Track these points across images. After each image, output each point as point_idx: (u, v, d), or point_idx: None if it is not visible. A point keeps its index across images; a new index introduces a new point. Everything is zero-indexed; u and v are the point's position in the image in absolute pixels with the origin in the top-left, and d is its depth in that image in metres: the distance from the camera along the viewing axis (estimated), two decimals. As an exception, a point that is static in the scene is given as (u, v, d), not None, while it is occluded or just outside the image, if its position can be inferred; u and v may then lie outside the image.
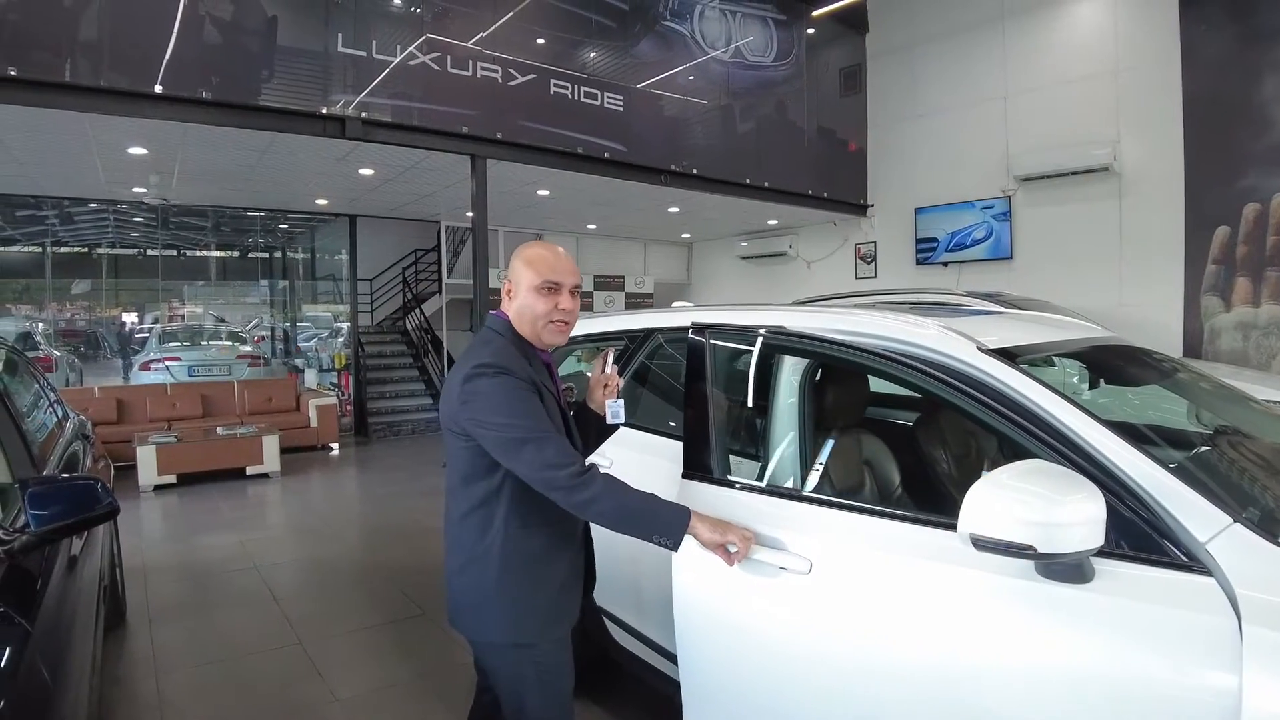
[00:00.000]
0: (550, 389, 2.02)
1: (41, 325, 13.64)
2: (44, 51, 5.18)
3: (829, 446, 2.43)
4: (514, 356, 1.93)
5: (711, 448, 2.35)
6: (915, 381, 2.14)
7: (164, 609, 4.50)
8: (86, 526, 1.96)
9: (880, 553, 1.92)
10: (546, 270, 1.97)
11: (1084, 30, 8.62)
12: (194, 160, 7.31)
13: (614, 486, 1.85)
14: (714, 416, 2.43)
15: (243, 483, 7.99)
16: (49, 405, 3.68)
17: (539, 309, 1.96)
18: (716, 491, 2.29)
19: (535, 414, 1.87)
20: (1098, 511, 1.46)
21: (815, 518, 2.09)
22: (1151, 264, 8.14)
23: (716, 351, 2.57)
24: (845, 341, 2.28)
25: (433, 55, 6.68)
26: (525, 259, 2.00)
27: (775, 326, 2.48)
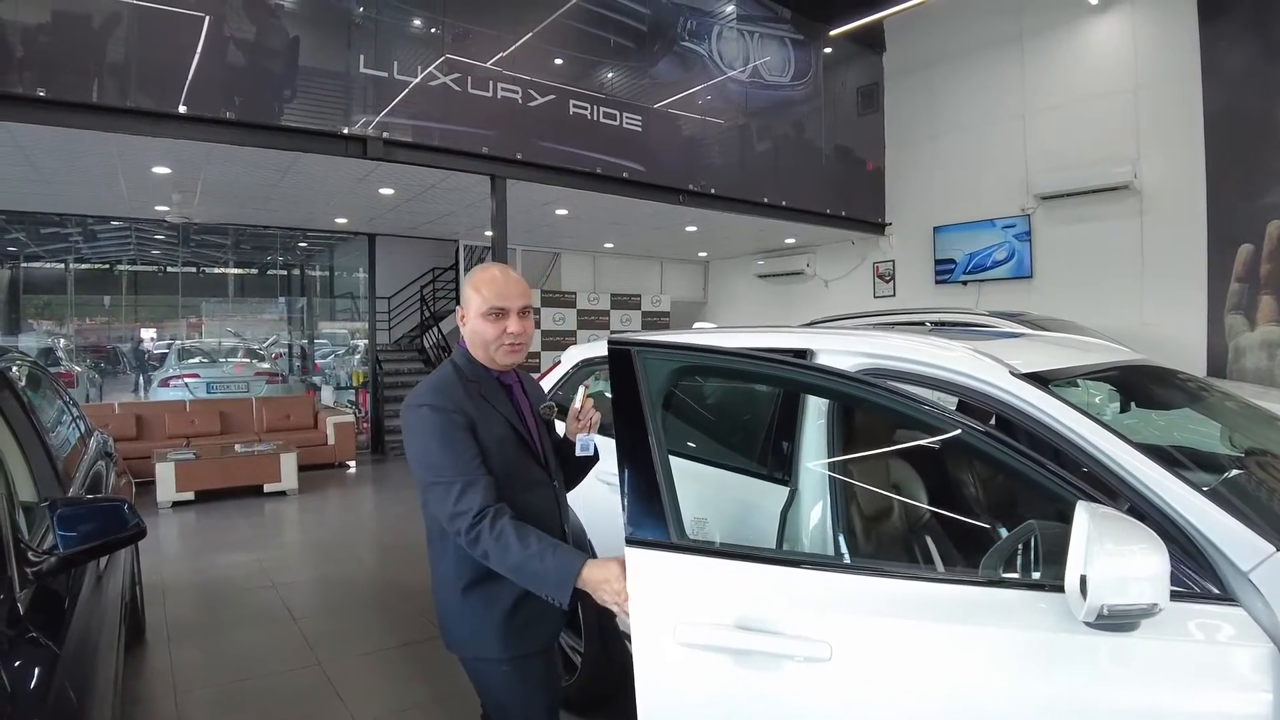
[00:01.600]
0: (504, 413, 2.02)
1: (63, 341, 13.76)
2: (72, 73, 5.26)
3: (858, 493, 2.28)
4: (452, 386, 1.96)
5: (665, 509, 1.75)
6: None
7: (183, 627, 4.50)
8: (114, 549, 1.96)
9: (917, 622, 1.59)
10: (492, 296, 1.99)
11: (1103, 48, 8.59)
12: (216, 179, 7.38)
13: (503, 540, 1.77)
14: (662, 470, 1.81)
15: (260, 500, 8.01)
16: (72, 421, 3.70)
17: (488, 334, 1.99)
18: (674, 564, 1.71)
19: (451, 453, 1.87)
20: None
21: (829, 587, 1.70)
22: (1174, 282, 8.05)
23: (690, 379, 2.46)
24: (875, 369, 2.23)
25: (453, 76, 6.73)
26: (472, 285, 2.02)
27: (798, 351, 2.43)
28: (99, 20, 5.41)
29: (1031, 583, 1.59)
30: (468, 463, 1.86)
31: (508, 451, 1.98)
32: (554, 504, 2.11)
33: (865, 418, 2.33)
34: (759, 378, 2.07)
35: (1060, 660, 1.51)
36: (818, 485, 2.19)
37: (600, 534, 3.05)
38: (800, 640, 1.61)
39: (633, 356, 1.93)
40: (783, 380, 2.20)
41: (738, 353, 2.07)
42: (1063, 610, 1.47)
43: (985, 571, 1.66)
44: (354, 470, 9.92)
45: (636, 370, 1.90)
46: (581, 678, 3.30)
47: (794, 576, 1.73)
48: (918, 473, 2.44)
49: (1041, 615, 1.52)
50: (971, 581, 1.68)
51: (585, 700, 3.35)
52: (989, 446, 1.75)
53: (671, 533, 1.72)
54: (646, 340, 2.08)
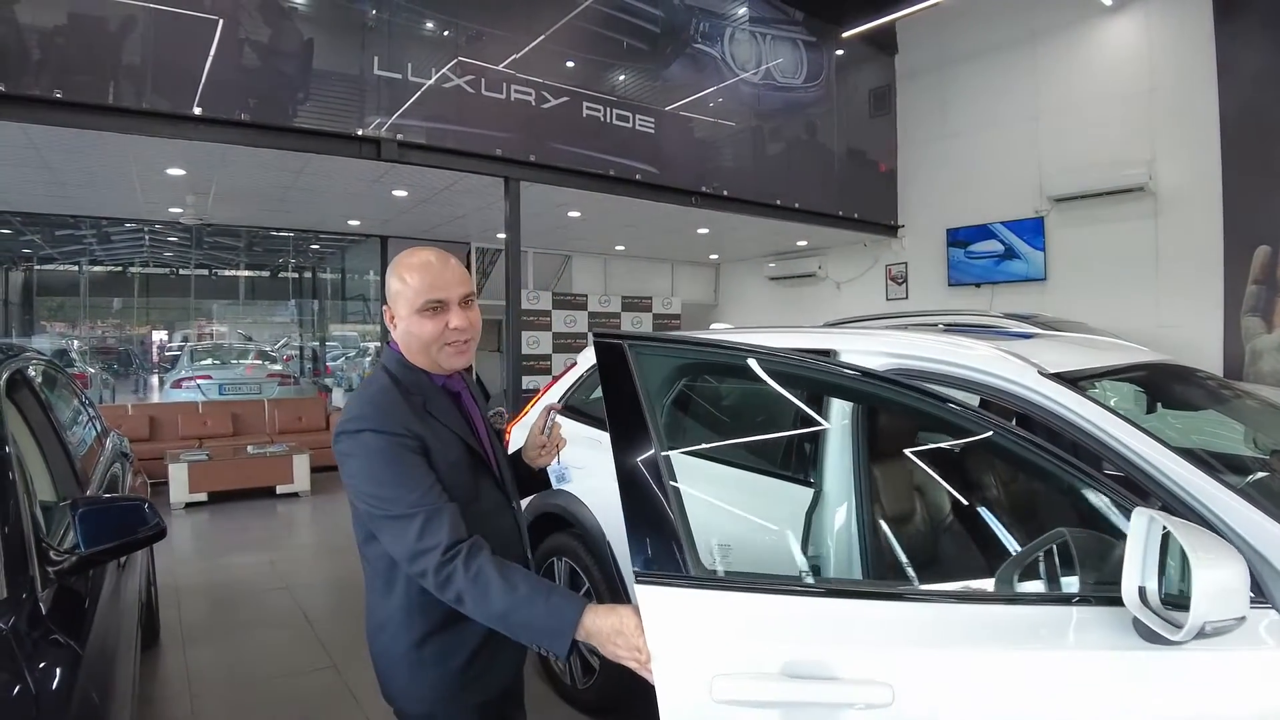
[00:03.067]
0: (453, 425, 1.72)
1: (77, 343, 13.84)
2: (89, 75, 5.28)
3: (887, 498, 2.22)
4: (392, 402, 1.63)
5: (679, 535, 1.49)
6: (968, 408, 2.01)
7: (197, 629, 4.50)
8: (135, 548, 1.94)
9: (979, 651, 1.45)
10: (425, 286, 1.64)
11: (1117, 49, 8.54)
12: (230, 181, 7.40)
13: (481, 582, 1.46)
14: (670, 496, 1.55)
15: (273, 501, 8.02)
16: (89, 421, 3.70)
17: (426, 334, 1.65)
18: (702, 603, 1.46)
19: (406, 482, 1.54)
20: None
21: (880, 618, 1.50)
22: (1190, 285, 7.98)
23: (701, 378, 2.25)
24: (901, 368, 2.20)
25: (467, 78, 6.73)
26: (398, 275, 1.67)
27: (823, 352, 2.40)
28: (114, 23, 5.42)
29: (1075, 596, 1.52)
30: (426, 490, 1.53)
31: (461, 474, 1.67)
32: (515, 530, 1.83)
33: (893, 418, 2.29)
34: (774, 377, 1.93)
35: (1141, 679, 1.41)
36: (843, 489, 2.15)
37: (621, 536, 3.02)
38: (859, 685, 1.40)
39: (626, 353, 1.65)
40: (804, 379, 2.06)
41: (747, 348, 1.83)
42: (1119, 623, 1.39)
43: (1023, 585, 1.60)
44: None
45: (632, 369, 1.62)
46: (599, 680, 3.28)
47: (841, 609, 1.52)
48: (947, 476, 2.41)
49: (1110, 632, 1.42)
50: (1012, 600, 1.58)
51: (603, 703, 3.33)
52: (1027, 450, 1.68)
53: (689, 563, 1.45)
54: (641, 335, 1.98)
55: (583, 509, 3.30)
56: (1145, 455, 1.72)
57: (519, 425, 4.14)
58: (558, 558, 3.47)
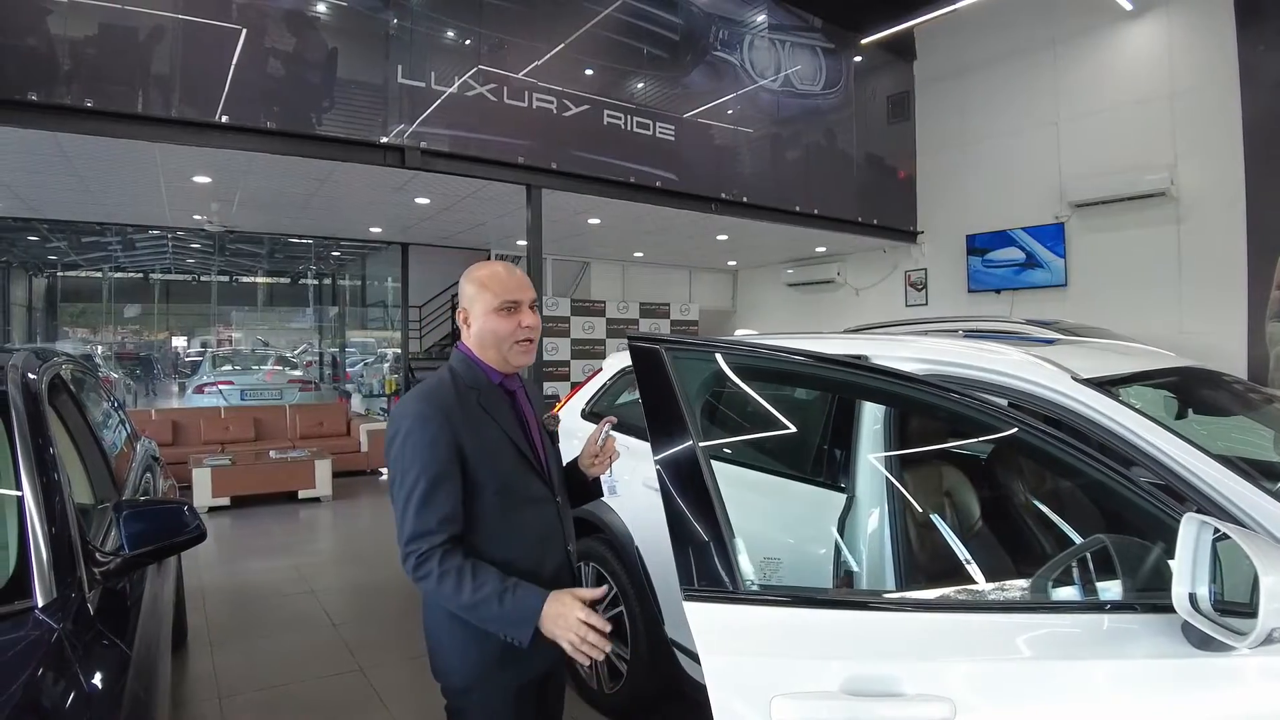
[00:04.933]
0: (504, 421, 1.87)
1: (100, 348, 13.99)
2: (119, 84, 5.36)
3: (921, 503, 2.17)
4: (442, 392, 1.81)
5: (729, 548, 1.47)
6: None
7: (224, 631, 4.54)
8: (176, 550, 1.97)
9: (1038, 663, 1.42)
10: (502, 290, 1.84)
11: (1138, 54, 8.49)
12: (255, 188, 7.48)
13: (454, 580, 1.64)
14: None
15: (295, 506, 8.07)
16: (120, 426, 3.75)
17: (501, 330, 1.84)
18: (757, 620, 1.43)
19: (425, 470, 1.71)
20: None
21: (937, 630, 1.47)
22: (1213, 290, 7.91)
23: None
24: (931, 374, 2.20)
25: (489, 86, 6.78)
26: (478, 281, 1.87)
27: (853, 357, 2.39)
28: (144, 34, 5.50)
29: (1123, 603, 1.50)
30: (428, 477, 1.70)
31: (505, 463, 1.83)
32: (556, 521, 1.95)
33: (927, 422, 2.28)
34: (820, 382, 1.92)
35: (1199, 685, 1.38)
36: (876, 494, 2.15)
37: (651, 542, 3.04)
38: (921, 702, 1.36)
39: (663, 358, 1.66)
40: (850, 385, 2.06)
41: (792, 353, 1.84)
42: (1167, 630, 1.37)
43: (1062, 591, 1.57)
44: (386, 477, 9.94)
45: (670, 374, 1.63)
46: (627, 684, 3.28)
47: (896, 623, 1.50)
48: (985, 480, 2.41)
49: (1162, 640, 1.38)
50: (1060, 607, 1.56)
51: (631, 707, 3.33)
52: (1068, 454, 1.66)
53: (740, 578, 1.41)
54: (678, 339, 1.93)
55: (610, 514, 3.31)
56: (1184, 461, 1.71)
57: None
58: (585, 562, 3.48)
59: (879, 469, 2.15)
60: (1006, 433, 1.71)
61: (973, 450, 2.52)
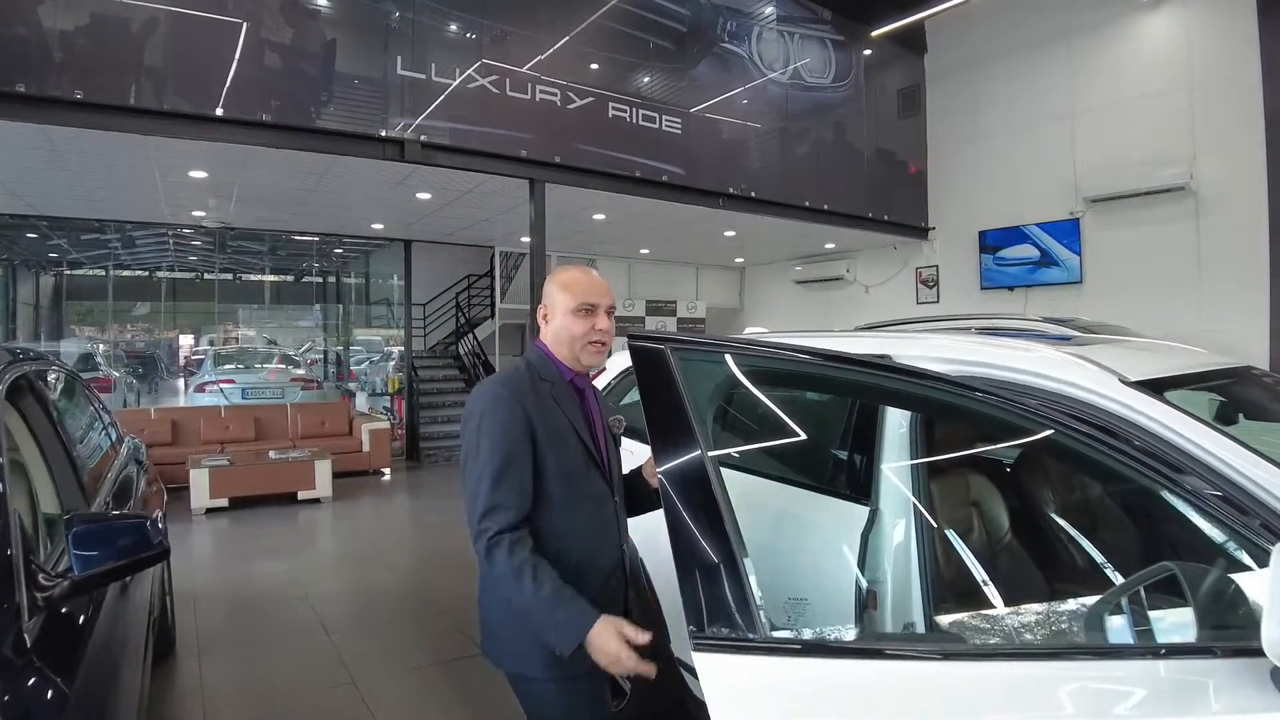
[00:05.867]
0: (571, 416, 1.96)
1: (102, 347, 13.88)
2: (109, 75, 5.21)
3: (950, 517, 2.01)
4: (520, 379, 1.93)
5: (747, 588, 1.27)
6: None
7: (214, 640, 4.38)
8: (135, 570, 1.80)
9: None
10: (582, 293, 1.96)
11: (1155, 45, 8.30)
12: (253, 184, 7.32)
13: (518, 574, 1.73)
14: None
15: (294, 508, 7.92)
16: (103, 429, 3.58)
17: (576, 330, 1.95)
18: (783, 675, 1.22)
19: (498, 448, 1.81)
20: None
21: (977, 677, 1.27)
22: (1233, 287, 7.72)
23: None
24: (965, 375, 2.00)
25: (491, 78, 6.61)
26: (560, 283, 1.99)
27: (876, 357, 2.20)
28: (135, 24, 5.35)
29: (1199, 647, 1.26)
30: (504, 453, 1.80)
31: (570, 457, 1.91)
32: (614, 519, 2.02)
33: (961, 429, 2.10)
34: (849, 386, 1.71)
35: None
36: (902, 508, 1.97)
37: (655, 554, 2.86)
38: None
39: (668, 359, 1.53)
40: (882, 390, 1.86)
41: (820, 354, 1.66)
42: (1255, 678, 1.17)
43: (1119, 627, 1.33)
44: (389, 478, 9.82)
45: (676, 378, 1.47)
46: (632, 704, 3.11)
47: (931, 673, 1.28)
48: (1012, 494, 2.22)
49: (1250, 690, 1.18)
50: (1117, 653, 1.32)
51: (632, 728, 3.16)
52: (1128, 468, 1.46)
53: (757, 622, 1.19)
54: (685, 338, 1.78)
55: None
56: (1252, 475, 1.53)
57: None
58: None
59: (906, 481, 1.97)
60: (1059, 442, 1.52)
61: (1006, 460, 2.33)
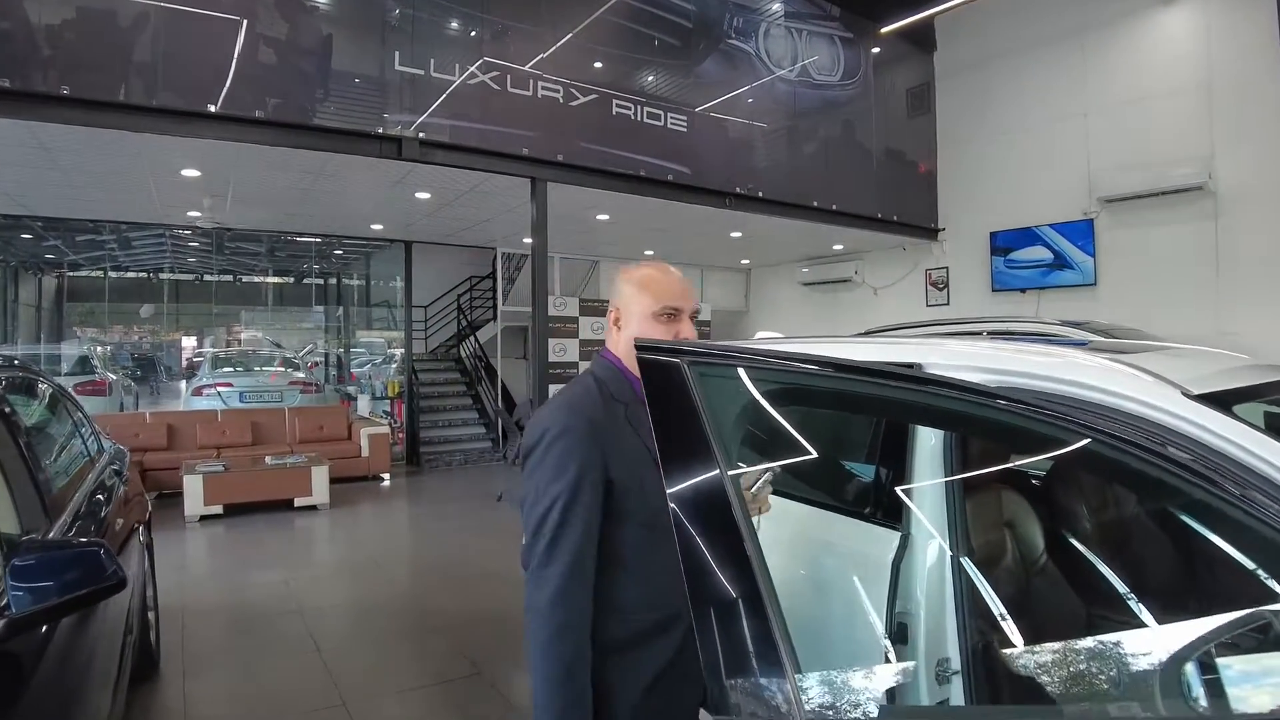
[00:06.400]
0: (647, 439, 1.62)
1: (99, 349, 13.71)
2: (97, 70, 5.02)
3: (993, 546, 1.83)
4: (590, 403, 1.62)
5: (781, 663, 1.07)
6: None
7: (200, 657, 4.19)
8: (83, 605, 1.62)
9: None
10: (665, 295, 1.67)
11: (1172, 42, 8.11)
12: (247, 183, 7.14)
13: (554, 635, 1.47)
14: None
15: (290, 515, 7.73)
16: (77, 437, 3.40)
17: (657, 338, 1.65)
18: None
19: (561, 491, 1.52)
20: None
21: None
22: (1253, 289, 7.54)
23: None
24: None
25: (492, 74, 6.43)
26: (638, 282, 1.71)
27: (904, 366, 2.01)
28: (123, 17, 5.18)
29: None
30: (572, 499, 1.52)
31: (650, 495, 1.59)
32: None
33: (1000, 446, 1.90)
34: (895, 406, 1.46)
35: None
36: (937, 531, 1.78)
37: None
38: None
39: (685, 375, 1.30)
40: (937, 411, 1.55)
41: (872, 367, 1.39)
42: None
43: (1205, 688, 1.08)
44: (388, 483, 9.63)
45: (696, 398, 1.24)
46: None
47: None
48: (1057, 518, 2.02)
49: None
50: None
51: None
52: (1217, 499, 1.24)
53: (795, 703, 0.97)
54: (704, 348, 1.46)
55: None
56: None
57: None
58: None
59: (941, 503, 1.78)
60: (1130, 467, 1.32)
61: (1052, 481, 2.13)
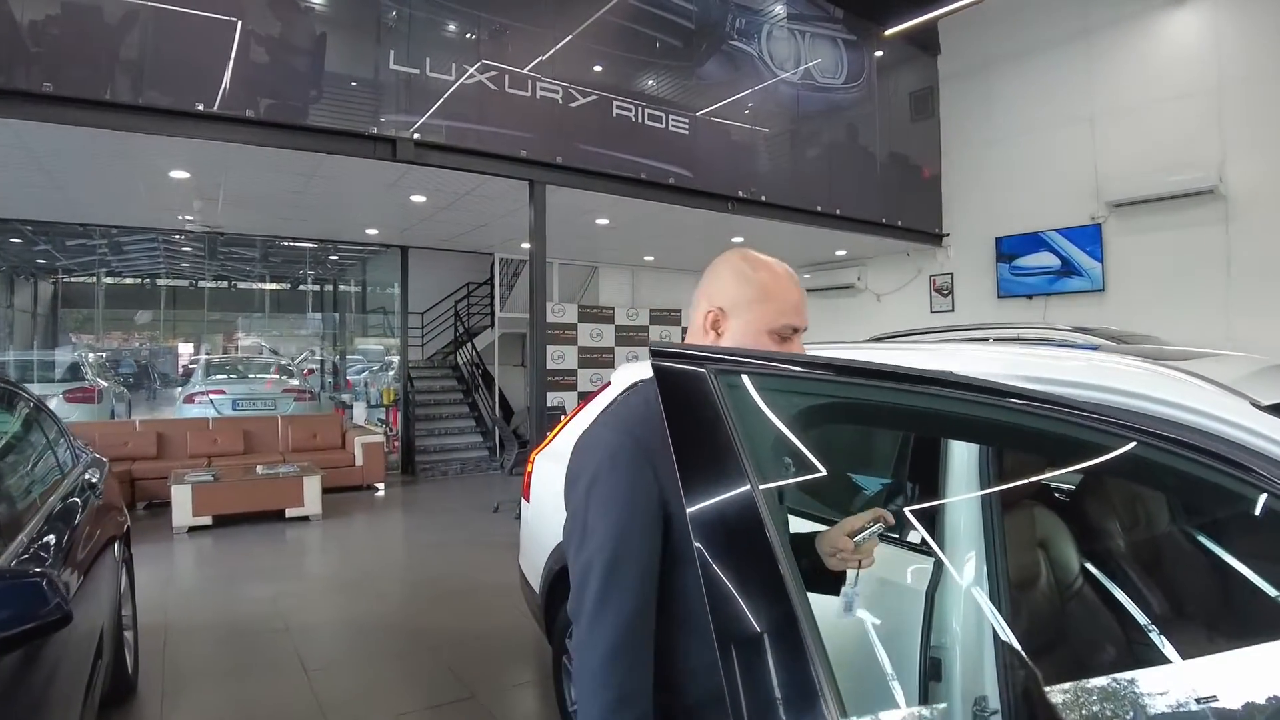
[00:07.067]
0: None
1: (91, 356, 13.51)
2: (83, 68, 4.87)
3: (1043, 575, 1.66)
4: (649, 425, 1.26)
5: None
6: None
7: (181, 678, 3.99)
8: (22, 644, 1.44)
9: None
10: (790, 310, 1.35)
11: (1181, 43, 8.00)
12: (239, 185, 6.97)
13: (609, 710, 1.17)
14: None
15: (281, 526, 7.53)
16: (51, 452, 3.21)
17: None
18: None
19: (610, 533, 1.22)
20: None
21: None
22: (1265, 294, 7.42)
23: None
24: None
25: (489, 74, 6.27)
26: (758, 285, 1.36)
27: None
28: (109, 14, 5.02)
29: None
30: (621, 545, 1.21)
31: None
32: None
33: (1052, 460, 1.71)
34: (956, 422, 1.25)
35: None
36: (975, 556, 1.60)
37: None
38: None
39: (710, 385, 1.10)
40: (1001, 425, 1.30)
41: (919, 376, 1.20)
42: None
43: None
44: (382, 493, 9.43)
45: (726, 413, 1.05)
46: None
47: None
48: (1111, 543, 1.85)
49: None
50: None
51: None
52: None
53: None
54: (734, 354, 1.25)
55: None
56: None
57: (541, 455, 3.63)
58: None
59: (980, 525, 1.60)
60: (1213, 487, 1.15)
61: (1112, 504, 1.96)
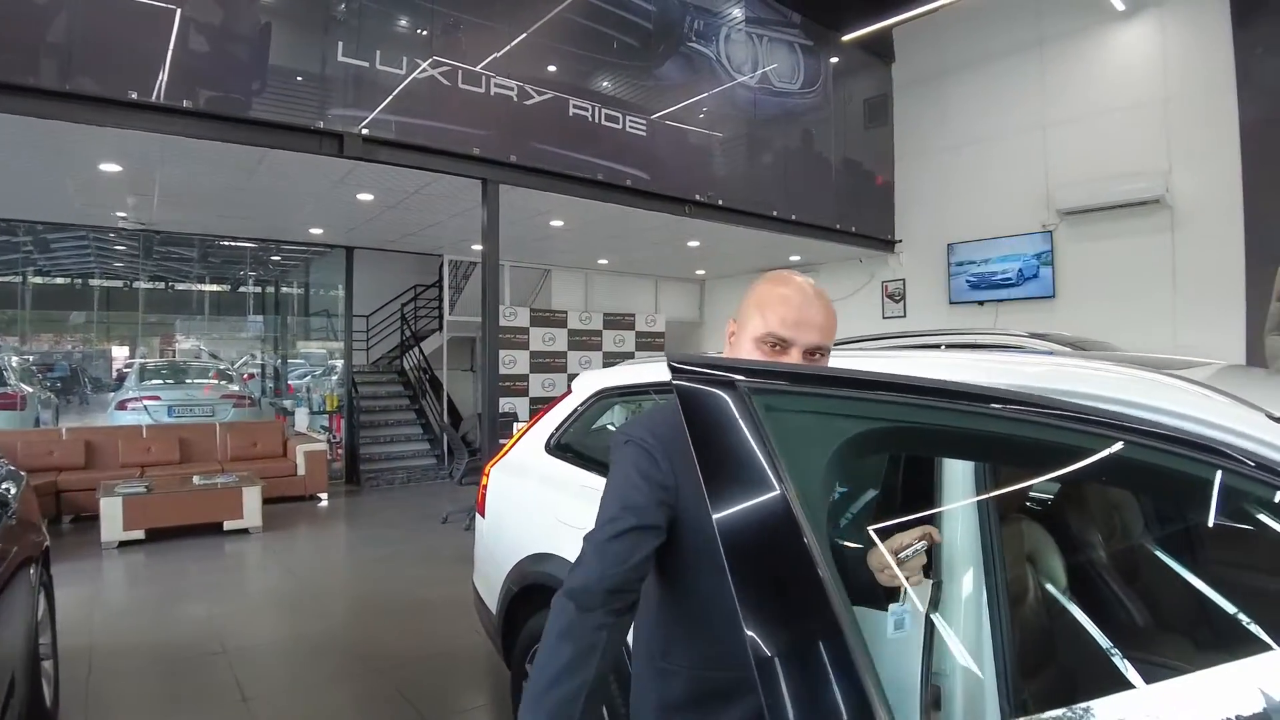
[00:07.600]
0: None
1: (16, 360, 12.85)
2: (3, 50, 4.53)
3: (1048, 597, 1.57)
4: (673, 425, 1.31)
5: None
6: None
7: (106, 709, 3.69)
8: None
9: None
10: (776, 320, 1.39)
11: (1130, 56, 8.18)
12: (176, 180, 6.62)
13: (553, 680, 1.21)
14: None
15: (219, 539, 7.17)
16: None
17: None
18: None
19: (620, 510, 1.33)
20: None
21: None
22: (1209, 302, 7.59)
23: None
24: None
25: (442, 69, 6.06)
26: (758, 298, 1.44)
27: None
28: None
29: None
30: (625, 521, 1.31)
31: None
32: None
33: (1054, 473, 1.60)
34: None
35: None
36: (974, 575, 1.48)
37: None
38: None
39: (750, 406, 1.00)
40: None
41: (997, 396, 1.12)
42: None
43: None
44: (326, 504, 9.08)
45: (770, 442, 0.95)
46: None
47: None
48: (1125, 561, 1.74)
49: None
50: None
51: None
52: None
53: None
54: (771, 368, 1.16)
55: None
56: None
57: (497, 467, 3.44)
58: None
59: (980, 543, 1.48)
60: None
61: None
